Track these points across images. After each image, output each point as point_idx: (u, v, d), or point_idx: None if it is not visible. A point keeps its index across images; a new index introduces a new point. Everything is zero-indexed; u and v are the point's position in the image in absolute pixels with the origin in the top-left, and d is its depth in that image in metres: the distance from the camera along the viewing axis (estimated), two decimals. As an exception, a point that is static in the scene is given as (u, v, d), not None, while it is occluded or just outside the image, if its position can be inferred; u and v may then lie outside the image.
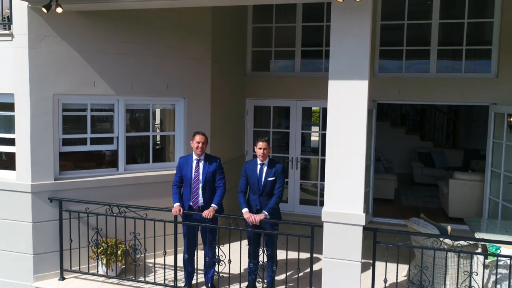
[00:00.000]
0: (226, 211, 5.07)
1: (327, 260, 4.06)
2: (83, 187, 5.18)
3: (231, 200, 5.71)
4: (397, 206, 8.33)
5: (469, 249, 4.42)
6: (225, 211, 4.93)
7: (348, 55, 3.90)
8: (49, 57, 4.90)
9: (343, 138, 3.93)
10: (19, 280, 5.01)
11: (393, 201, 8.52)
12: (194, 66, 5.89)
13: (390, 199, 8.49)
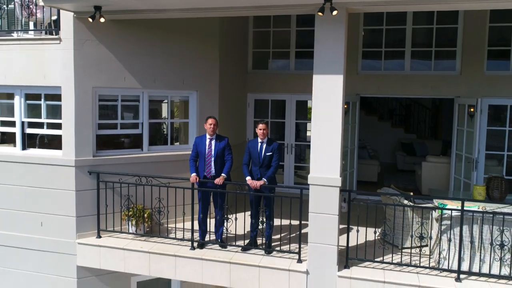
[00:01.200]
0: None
1: (313, 215, 5.22)
2: (115, 163, 6.34)
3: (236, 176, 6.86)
4: (379, 187, 9.49)
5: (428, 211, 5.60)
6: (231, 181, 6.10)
7: (328, 55, 5.05)
8: (89, 57, 6.06)
9: (324, 118, 5.08)
10: (65, 238, 6.17)
11: (376, 183, 9.70)
12: (205, 64, 7.06)
13: (374, 181, 9.68)
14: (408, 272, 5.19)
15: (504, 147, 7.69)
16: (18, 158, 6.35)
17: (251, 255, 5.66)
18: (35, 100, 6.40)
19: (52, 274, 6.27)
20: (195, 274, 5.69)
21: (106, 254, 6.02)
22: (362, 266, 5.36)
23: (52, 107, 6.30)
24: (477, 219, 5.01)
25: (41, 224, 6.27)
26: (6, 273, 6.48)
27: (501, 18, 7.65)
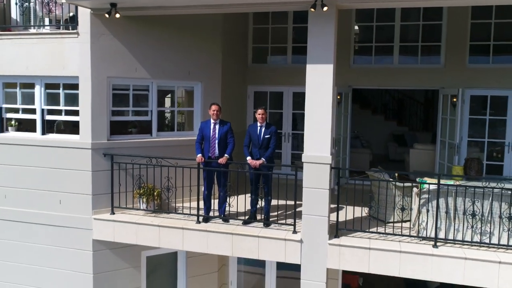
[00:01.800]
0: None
1: (306, 189, 5.85)
2: (126, 147, 6.95)
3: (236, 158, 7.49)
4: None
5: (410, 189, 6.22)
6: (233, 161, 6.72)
7: (320, 46, 5.66)
8: (104, 50, 6.68)
9: (316, 103, 5.70)
10: (82, 215, 6.78)
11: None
12: (208, 58, 7.68)
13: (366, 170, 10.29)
14: (391, 240, 5.83)
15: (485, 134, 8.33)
16: (38, 142, 6.97)
17: (251, 228, 6.28)
18: (54, 89, 7.02)
19: (70, 248, 6.88)
20: (200, 245, 6.32)
21: (120, 228, 6.64)
22: (351, 236, 5.98)
23: (69, 95, 6.92)
24: (451, 192, 5.64)
25: (60, 202, 6.89)
26: (29, 248, 7.09)
27: (481, 15, 8.27)
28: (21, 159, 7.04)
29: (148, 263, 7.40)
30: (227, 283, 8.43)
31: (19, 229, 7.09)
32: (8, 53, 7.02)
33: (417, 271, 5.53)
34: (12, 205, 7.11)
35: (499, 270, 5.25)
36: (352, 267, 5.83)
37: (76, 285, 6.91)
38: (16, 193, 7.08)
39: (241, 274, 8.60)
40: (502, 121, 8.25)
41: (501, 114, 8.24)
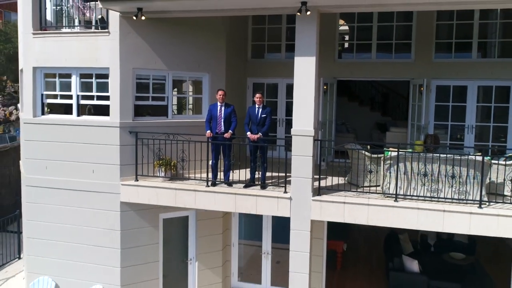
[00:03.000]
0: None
1: (294, 157, 7.32)
2: (148, 126, 8.40)
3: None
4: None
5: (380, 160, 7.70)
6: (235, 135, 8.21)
7: (305, 43, 7.15)
8: (130, 46, 8.15)
9: (302, 87, 7.18)
10: (111, 181, 8.24)
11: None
12: (215, 53, 9.15)
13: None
14: (362, 197, 7.32)
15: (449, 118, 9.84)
16: (75, 122, 8.45)
17: (250, 190, 7.76)
18: (87, 79, 8.49)
19: (102, 209, 8.35)
20: (209, 203, 7.80)
21: (143, 192, 8.12)
22: (330, 194, 7.47)
23: (100, 83, 8.39)
24: (409, 158, 7.14)
25: (93, 171, 8.36)
26: (67, 210, 8.56)
27: (445, 17, 9.77)
28: (59, 137, 8.51)
29: (164, 224, 8.88)
30: (230, 245, 9.93)
31: (58, 195, 8.56)
32: (49, 49, 8.49)
33: (381, 220, 7.03)
34: (52, 175, 8.58)
35: (444, 216, 6.75)
36: (331, 218, 7.33)
37: (106, 240, 8.38)
38: (56, 164, 8.55)
39: (241, 246, 10.10)
40: (463, 107, 9.77)
41: (462, 101, 9.76)
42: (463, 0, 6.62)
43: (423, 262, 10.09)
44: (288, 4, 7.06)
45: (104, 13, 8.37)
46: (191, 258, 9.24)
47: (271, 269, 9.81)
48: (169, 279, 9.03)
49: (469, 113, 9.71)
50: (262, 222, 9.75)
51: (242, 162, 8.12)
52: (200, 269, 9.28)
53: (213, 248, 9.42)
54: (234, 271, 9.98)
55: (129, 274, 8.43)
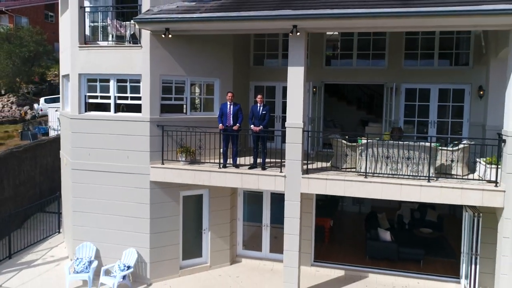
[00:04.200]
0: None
1: (288, 144, 9.44)
2: (171, 120, 10.51)
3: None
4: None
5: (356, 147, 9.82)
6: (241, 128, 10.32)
7: (296, 55, 9.28)
8: (158, 57, 10.26)
9: (294, 87, 9.31)
10: (142, 165, 10.35)
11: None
12: (224, 62, 11.26)
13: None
14: (340, 175, 9.44)
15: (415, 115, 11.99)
16: (112, 117, 10.56)
17: (253, 170, 9.87)
18: (122, 83, 10.59)
19: (135, 187, 10.46)
20: (221, 181, 9.93)
21: (168, 173, 10.24)
22: (316, 173, 9.60)
23: (133, 87, 10.51)
24: (375, 144, 9.28)
25: (128, 157, 10.48)
26: (108, 189, 10.67)
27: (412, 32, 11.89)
28: (100, 129, 10.63)
29: (183, 200, 10.99)
30: (236, 219, 12.05)
31: (99, 176, 10.67)
32: (91, 59, 10.61)
33: (354, 191, 9.17)
34: (94, 160, 10.69)
35: (401, 188, 8.88)
36: (315, 191, 9.47)
37: (138, 212, 10.50)
38: (97, 152, 10.67)
39: (245, 227, 12.21)
40: (427, 106, 11.91)
41: (426, 101, 11.91)
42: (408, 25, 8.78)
43: (396, 235, 12.25)
44: (283, 27, 9.21)
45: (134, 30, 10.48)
46: (205, 229, 11.36)
47: (269, 240, 11.94)
48: (187, 245, 11.15)
49: (432, 111, 11.86)
50: (262, 202, 11.86)
51: (246, 150, 10.25)
52: (212, 238, 11.40)
53: (222, 221, 11.54)
54: (239, 241, 12.11)
55: (156, 239, 10.56)
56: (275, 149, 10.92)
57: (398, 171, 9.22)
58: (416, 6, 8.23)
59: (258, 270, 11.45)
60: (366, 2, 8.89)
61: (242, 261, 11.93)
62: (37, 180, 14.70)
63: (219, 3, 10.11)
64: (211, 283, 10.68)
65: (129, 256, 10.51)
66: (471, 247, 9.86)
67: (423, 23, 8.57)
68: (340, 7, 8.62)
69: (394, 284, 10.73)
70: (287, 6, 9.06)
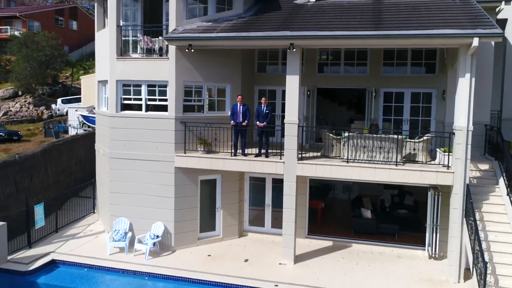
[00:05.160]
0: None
1: (286, 137, 11.90)
2: (191, 118, 12.96)
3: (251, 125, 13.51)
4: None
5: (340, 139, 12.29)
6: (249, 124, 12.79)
7: (293, 66, 11.74)
8: (181, 67, 12.72)
9: (291, 91, 11.78)
10: (169, 154, 12.82)
11: (329, 139, 16.38)
12: (234, 70, 13.73)
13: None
14: (328, 162, 11.91)
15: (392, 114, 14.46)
16: (144, 115, 13.03)
17: (259, 158, 12.35)
18: (152, 88, 13.04)
19: (162, 172, 12.91)
20: (232, 166, 12.41)
21: (190, 160, 12.69)
22: (309, 160, 12.07)
23: (161, 90, 12.95)
24: (355, 137, 11.74)
25: (156, 147, 12.93)
26: (139, 173, 13.12)
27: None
28: (133, 125, 13.08)
29: (201, 183, 13.44)
30: (243, 200, 14.51)
31: (133, 163, 13.12)
32: (126, 68, 13.06)
33: (338, 174, 11.63)
34: (128, 150, 13.15)
35: (375, 171, 11.35)
36: (308, 174, 11.94)
37: (165, 192, 12.95)
38: (131, 143, 13.12)
39: (251, 211, 14.65)
40: (401, 107, 14.38)
41: (401, 102, 14.37)
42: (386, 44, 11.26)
43: (378, 215, 14.70)
44: (283, 45, 11.71)
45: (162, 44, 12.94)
46: (218, 207, 13.82)
47: (271, 218, 14.37)
48: (203, 220, 13.60)
49: (405, 110, 14.33)
50: (265, 187, 14.28)
51: (252, 142, 12.69)
52: (223, 215, 13.85)
53: (232, 201, 13.99)
54: (246, 219, 14.56)
55: (179, 214, 13.01)
56: (276, 142, 13.41)
57: (372, 158, 11.69)
58: (385, 29, 10.72)
59: (262, 241, 13.91)
60: (348, 25, 11.40)
61: (248, 235, 14.39)
62: (72, 170, 17.11)
63: (232, 23, 12.60)
64: (224, 250, 13.13)
65: (157, 228, 12.96)
66: (433, 220, 12.35)
67: (391, 42, 11.05)
68: (327, 29, 11.12)
69: (372, 251, 13.21)
70: (286, 28, 11.56)
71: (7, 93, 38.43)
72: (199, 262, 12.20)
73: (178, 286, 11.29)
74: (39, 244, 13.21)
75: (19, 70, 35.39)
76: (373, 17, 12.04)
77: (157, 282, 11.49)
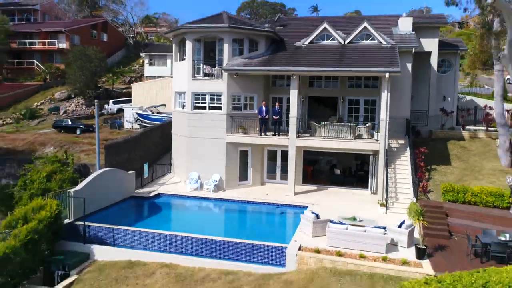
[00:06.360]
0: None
1: (291, 125, 21.51)
2: (235, 113, 22.52)
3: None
4: (317, 129, 25.89)
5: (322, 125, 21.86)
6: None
7: (293, 85, 21.33)
8: (230, 84, 22.29)
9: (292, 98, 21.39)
10: (222, 134, 22.42)
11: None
12: (259, 85, 23.34)
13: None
14: (313, 138, 21.52)
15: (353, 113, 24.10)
16: (207, 112, 22.65)
17: (275, 137, 21.98)
18: (211, 96, 22.61)
19: (218, 145, 22.50)
20: (259, 141, 22.08)
21: (234, 138, 22.29)
22: (302, 137, 21.67)
23: (217, 98, 22.52)
24: (328, 124, 21.37)
25: (215, 131, 22.50)
26: (205, 147, 22.72)
27: (351, 71, 23.98)
28: (201, 118, 22.68)
29: (240, 152, 23.02)
30: (263, 163, 24.11)
31: (201, 141, 22.70)
32: (197, 85, 22.64)
33: (318, 144, 21.28)
34: (198, 133, 22.74)
35: (339, 143, 20.98)
36: (302, 144, 21.57)
37: (220, 157, 22.53)
38: (200, 128, 22.70)
39: (267, 169, 24.21)
40: (358, 108, 23.99)
41: (358, 105, 23.99)
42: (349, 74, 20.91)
43: (344, 174, 24.33)
44: (288, 73, 21.39)
45: (218, 71, 22.57)
46: (249, 167, 23.40)
47: (280, 173, 23.90)
48: (241, 173, 23.16)
49: (361, 110, 23.96)
50: (276, 157, 23.82)
51: (270, 129, 22.32)
52: (252, 171, 23.43)
53: (257, 163, 23.57)
54: (264, 174, 24.14)
55: (228, 170, 22.61)
56: (283, 128, 23.01)
57: (338, 136, 21.29)
58: (343, 66, 20.36)
59: (275, 187, 23.47)
60: (324, 62, 21.03)
61: (266, 184, 23.98)
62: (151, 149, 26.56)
63: (260, 59, 22.22)
64: (253, 190, 22.71)
65: (215, 177, 22.52)
66: (372, 172, 21.99)
67: (347, 73, 20.67)
68: (312, 65, 20.76)
69: (339, 191, 22.79)
70: (290, 64, 21.19)
71: (62, 95, 47.92)
72: (240, 194, 21.78)
73: (229, 204, 20.91)
74: (146, 187, 22.75)
75: (74, 77, 44.58)
76: (339, 57, 21.64)
77: (217, 203, 21.12)
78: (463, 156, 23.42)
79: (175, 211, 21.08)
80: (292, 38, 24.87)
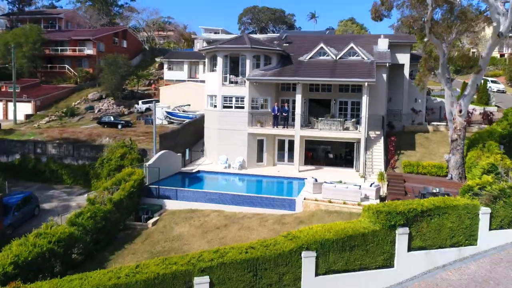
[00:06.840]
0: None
1: (296, 115, 29.21)
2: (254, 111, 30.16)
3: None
4: (315, 124, 33.57)
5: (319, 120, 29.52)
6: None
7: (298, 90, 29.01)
8: (251, 89, 29.94)
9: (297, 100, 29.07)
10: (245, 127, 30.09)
11: (314, 123, 33.66)
12: (272, 90, 31.02)
13: (314, 123, 33.67)
14: (313, 130, 29.22)
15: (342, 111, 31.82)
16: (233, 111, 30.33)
17: (284, 128, 29.68)
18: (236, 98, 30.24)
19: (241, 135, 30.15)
20: (272, 132, 29.82)
21: (253, 130, 30.00)
22: (305, 129, 29.40)
23: (241, 99, 30.18)
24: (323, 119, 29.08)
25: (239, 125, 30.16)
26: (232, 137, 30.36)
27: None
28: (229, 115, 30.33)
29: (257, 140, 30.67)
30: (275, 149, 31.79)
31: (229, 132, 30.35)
32: (225, 89, 30.31)
33: (315, 134, 29.00)
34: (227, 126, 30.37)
35: (331, 133, 28.70)
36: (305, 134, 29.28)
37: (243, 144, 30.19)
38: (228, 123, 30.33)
39: (277, 154, 31.88)
40: (346, 107, 31.69)
41: (346, 105, 31.70)
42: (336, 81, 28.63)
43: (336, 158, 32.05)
44: (294, 82, 29.14)
45: (241, 79, 30.27)
46: (264, 152, 31.07)
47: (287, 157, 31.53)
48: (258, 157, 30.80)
49: (349, 109, 31.67)
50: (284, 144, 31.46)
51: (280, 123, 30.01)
52: (266, 155, 31.07)
53: (270, 149, 31.22)
54: (275, 157, 31.80)
55: (249, 154, 30.28)
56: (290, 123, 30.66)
57: (330, 128, 28.99)
58: (335, 77, 28.10)
59: (283, 167, 31.10)
60: (321, 73, 28.78)
61: (277, 165, 31.64)
62: (188, 138, 34.12)
63: (273, 71, 29.94)
64: (267, 169, 30.35)
65: (240, 159, 30.15)
66: (356, 155, 29.72)
67: (338, 82, 28.41)
68: (311, 76, 28.51)
69: (332, 169, 30.45)
70: (295, 75, 28.93)
71: (94, 96, 55.39)
72: (259, 171, 29.41)
73: (251, 177, 28.62)
74: (187, 166, 30.35)
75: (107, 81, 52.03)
76: (331, 69, 29.31)
77: (242, 177, 28.84)
78: (425, 144, 31.22)
79: (213, 181, 28.72)
80: (297, 53, 32.57)
